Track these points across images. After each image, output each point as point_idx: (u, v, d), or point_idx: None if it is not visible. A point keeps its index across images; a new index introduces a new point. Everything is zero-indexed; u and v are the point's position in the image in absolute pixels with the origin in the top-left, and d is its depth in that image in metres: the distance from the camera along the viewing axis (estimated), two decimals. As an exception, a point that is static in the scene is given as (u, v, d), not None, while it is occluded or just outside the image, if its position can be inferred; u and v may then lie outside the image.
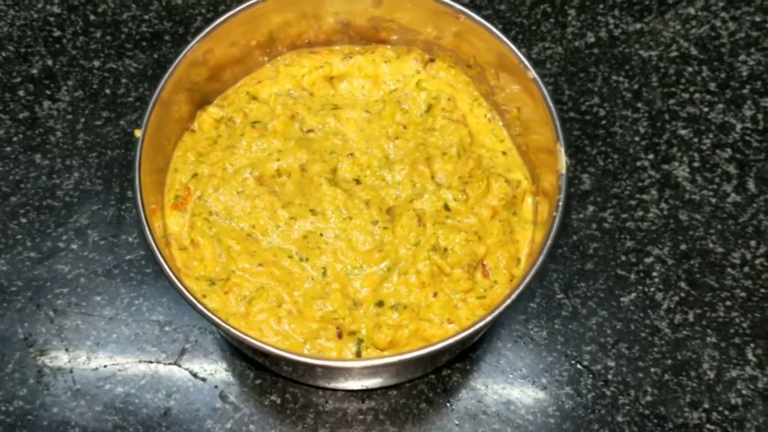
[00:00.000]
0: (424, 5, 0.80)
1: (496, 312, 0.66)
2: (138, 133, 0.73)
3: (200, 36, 0.78)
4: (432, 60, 0.86)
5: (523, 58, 0.75)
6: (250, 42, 0.83)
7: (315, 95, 0.86)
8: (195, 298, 0.66)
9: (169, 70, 0.76)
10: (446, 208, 0.78)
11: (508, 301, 0.66)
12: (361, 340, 0.72)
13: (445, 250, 0.75)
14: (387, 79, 0.86)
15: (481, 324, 0.65)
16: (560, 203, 0.70)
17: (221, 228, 0.77)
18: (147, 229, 0.69)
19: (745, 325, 0.85)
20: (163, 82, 0.76)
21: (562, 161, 0.71)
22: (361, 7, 0.83)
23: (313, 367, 0.69)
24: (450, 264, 0.75)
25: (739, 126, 0.96)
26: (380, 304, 0.74)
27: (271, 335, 0.73)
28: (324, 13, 0.84)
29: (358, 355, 0.72)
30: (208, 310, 0.66)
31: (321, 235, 0.77)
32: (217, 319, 0.65)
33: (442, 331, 0.72)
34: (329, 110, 0.84)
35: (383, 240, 0.76)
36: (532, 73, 0.74)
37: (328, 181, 0.78)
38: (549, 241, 0.68)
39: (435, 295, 0.74)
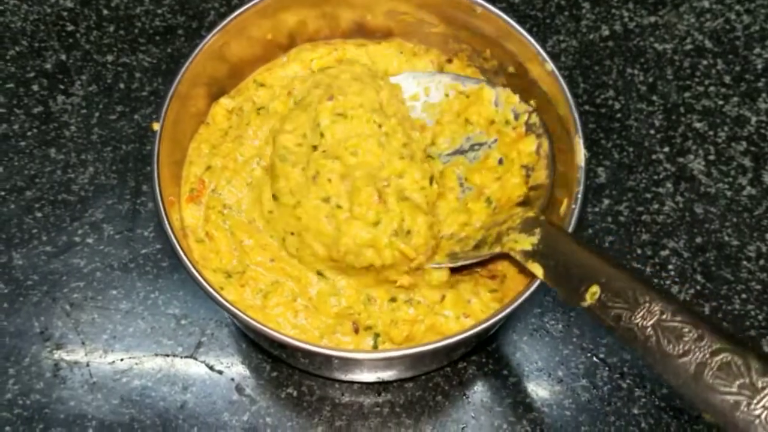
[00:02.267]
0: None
1: (514, 305, 0.65)
2: (156, 126, 0.73)
3: (216, 30, 0.78)
4: (449, 61, 0.86)
5: (541, 50, 0.74)
6: (266, 36, 0.83)
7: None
8: (214, 290, 0.67)
9: (186, 64, 0.76)
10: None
11: (527, 294, 0.66)
12: (377, 335, 0.72)
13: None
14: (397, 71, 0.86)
15: (497, 317, 0.65)
16: (579, 196, 0.70)
17: (234, 221, 0.78)
18: (166, 221, 0.69)
19: (760, 317, 0.85)
20: (180, 75, 0.75)
21: (581, 154, 0.71)
22: None
23: (330, 358, 0.69)
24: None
25: (754, 119, 0.96)
26: (393, 299, 0.74)
27: (288, 329, 0.73)
28: (340, 7, 0.84)
29: (375, 349, 0.72)
30: (228, 302, 0.66)
31: None
32: (237, 311, 0.65)
33: (459, 325, 0.72)
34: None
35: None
36: (551, 65, 0.74)
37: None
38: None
39: (443, 297, 0.74)
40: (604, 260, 0.62)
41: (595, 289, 0.61)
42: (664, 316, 0.56)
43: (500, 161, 0.80)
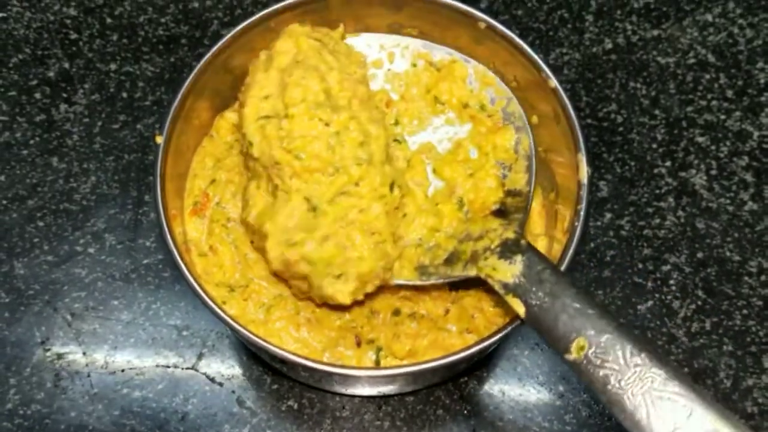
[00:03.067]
0: (445, 12, 0.80)
1: (517, 322, 0.66)
2: (159, 139, 0.73)
3: (220, 42, 0.78)
4: None
5: (544, 67, 0.74)
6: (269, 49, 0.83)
7: None
8: (216, 305, 0.67)
9: (190, 76, 0.76)
10: None
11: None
12: (380, 349, 0.73)
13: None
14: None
15: (500, 335, 0.65)
16: (581, 213, 0.69)
17: (238, 235, 0.78)
18: (169, 236, 0.69)
19: (761, 333, 0.85)
20: (183, 88, 0.75)
21: (584, 170, 0.71)
22: (381, 11, 0.83)
23: (332, 374, 0.69)
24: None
25: (756, 134, 0.96)
26: (396, 312, 0.74)
27: (290, 342, 0.73)
28: (343, 19, 0.84)
29: (377, 363, 0.72)
30: (229, 316, 0.66)
31: None
32: (238, 326, 0.66)
33: (462, 341, 0.72)
34: None
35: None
36: (554, 81, 0.74)
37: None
38: (570, 252, 0.68)
39: (447, 312, 0.74)
40: (593, 308, 0.58)
41: (582, 342, 0.57)
42: (655, 384, 0.53)
43: (473, 153, 0.73)
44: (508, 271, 0.64)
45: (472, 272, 0.67)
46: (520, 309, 0.62)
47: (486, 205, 0.73)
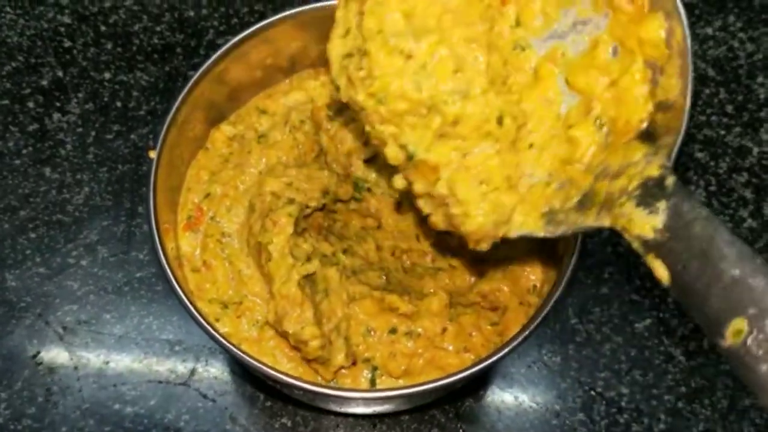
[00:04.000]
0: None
1: (516, 342, 0.65)
2: (153, 154, 0.72)
3: (216, 54, 0.77)
4: None
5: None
6: (266, 60, 0.82)
7: None
8: (207, 323, 0.66)
9: (185, 89, 0.75)
10: None
11: (528, 331, 0.65)
12: (375, 368, 0.72)
13: None
14: None
15: (498, 356, 0.65)
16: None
17: (233, 250, 0.77)
18: (161, 251, 0.68)
19: (760, 352, 0.84)
20: (178, 101, 0.74)
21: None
22: None
23: (327, 396, 0.68)
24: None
25: (755, 150, 0.95)
26: (393, 331, 0.73)
27: (284, 362, 0.72)
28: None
29: (373, 382, 0.71)
30: (221, 335, 0.65)
31: (325, 256, 0.75)
32: (229, 346, 0.65)
33: (459, 360, 0.71)
34: None
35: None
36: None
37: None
38: (569, 271, 0.67)
39: (444, 330, 0.73)
40: (762, 277, 0.42)
41: (740, 325, 0.42)
42: None
43: (614, 52, 0.56)
44: (648, 224, 0.49)
45: (606, 222, 0.53)
46: (663, 274, 0.48)
47: (630, 123, 0.55)
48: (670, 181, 0.50)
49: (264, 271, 0.73)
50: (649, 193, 0.50)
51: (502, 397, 0.82)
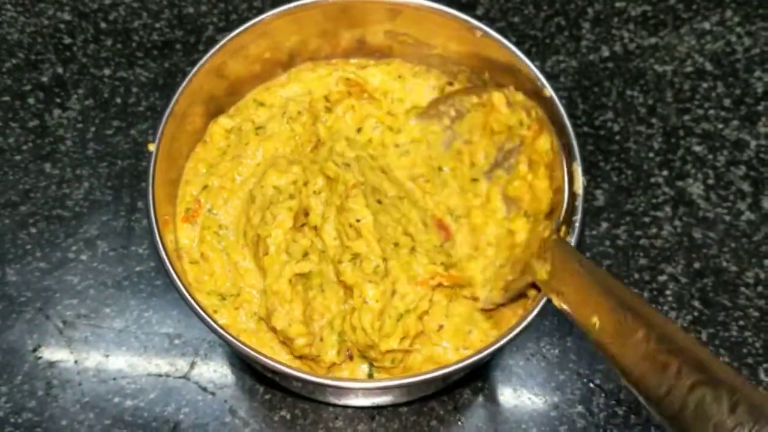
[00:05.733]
0: (440, 20, 0.79)
1: (512, 334, 0.65)
2: (152, 147, 0.72)
3: (215, 48, 0.77)
4: (450, 83, 0.85)
5: (541, 76, 0.74)
6: (265, 54, 0.82)
7: None
8: (207, 314, 0.66)
9: (184, 82, 0.76)
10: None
11: (524, 324, 0.65)
12: (372, 363, 0.72)
13: None
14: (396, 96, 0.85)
15: (495, 347, 0.65)
16: (577, 225, 0.69)
17: (230, 242, 0.77)
18: (160, 243, 0.68)
19: (758, 345, 0.85)
20: (177, 93, 0.75)
21: (579, 182, 0.70)
22: (376, 18, 0.83)
23: (325, 386, 0.69)
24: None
25: (753, 143, 0.95)
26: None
27: (282, 353, 0.72)
28: (339, 26, 0.83)
29: (370, 376, 0.71)
30: (219, 326, 0.66)
31: (323, 252, 0.75)
32: (230, 337, 0.65)
33: (458, 356, 0.71)
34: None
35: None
36: (550, 91, 0.73)
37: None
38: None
39: (440, 327, 0.73)
40: (603, 286, 0.60)
41: (594, 319, 0.59)
42: (650, 345, 0.53)
43: (528, 165, 0.76)
44: (543, 269, 0.66)
45: (529, 279, 0.68)
46: (558, 303, 0.64)
47: (541, 209, 0.74)
48: (553, 236, 0.67)
49: (260, 264, 0.73)
50: (542, 248, 0.68)
51: (501, 389, 0.82)
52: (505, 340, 0.65)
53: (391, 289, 0.71)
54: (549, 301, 0.65)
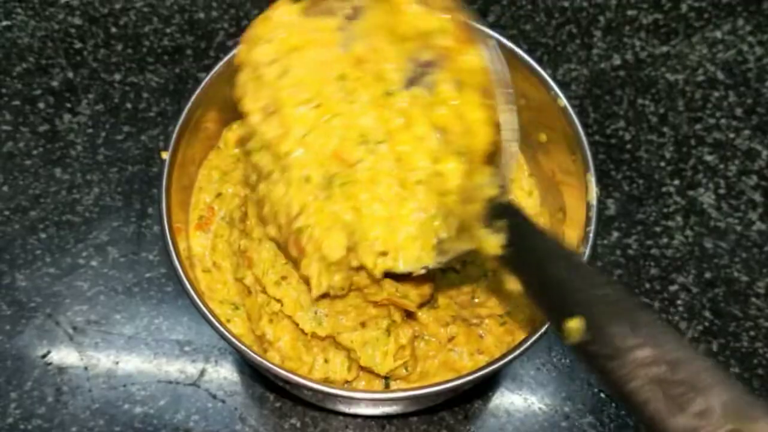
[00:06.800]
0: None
1: (527, 344, 0.65)
2: (165, 155, 0.72)
3: (230, 55, 0.77)
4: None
5: (554, 86, 0.74)
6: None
7: None
8: (220, 323, 0.66)
9: (198, 89, 0.75)
10: None
11: (536, 336, 0.65)
12: (388, 377, 0.71)
13: None
14: None
15: (508, 358, 0.64)
16: (590, 235, 0.69)
17: None
18: (173, 252, 0.68)
19: (769, 355, 0.84)
20: (191, 101, 0.75)
21: (593, 192, 0.70)
22: None
23: (335, 396, 0.68)
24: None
25: (765, 153, 0.95)
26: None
27: (295, 363, 0.72)
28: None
29: (387, 385, 0.71)
30: (233, 336, 0.65)
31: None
32: (242, 347, 0.65)
33: (473, 362, 0.71)
34: None
35: None
36: (564, 101, 0.73)
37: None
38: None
39: (451, 339, 0.73)
40: (585, 277, 0.46)
41: (575, 324, 0.44)
42: (662, 369, 0.40)
43: (457, 86, 0.59)
44: (494, 242, 0.53)
45: (472, 244, 0.55)
46: (514, 287, 0.51)
47: (479, 150, 0.59)
48: (506, 200, 0.54)
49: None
50: (491, 215, 0.53)
51: (511, 399, 0.82)
52: (518, 351, 0.65)
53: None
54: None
